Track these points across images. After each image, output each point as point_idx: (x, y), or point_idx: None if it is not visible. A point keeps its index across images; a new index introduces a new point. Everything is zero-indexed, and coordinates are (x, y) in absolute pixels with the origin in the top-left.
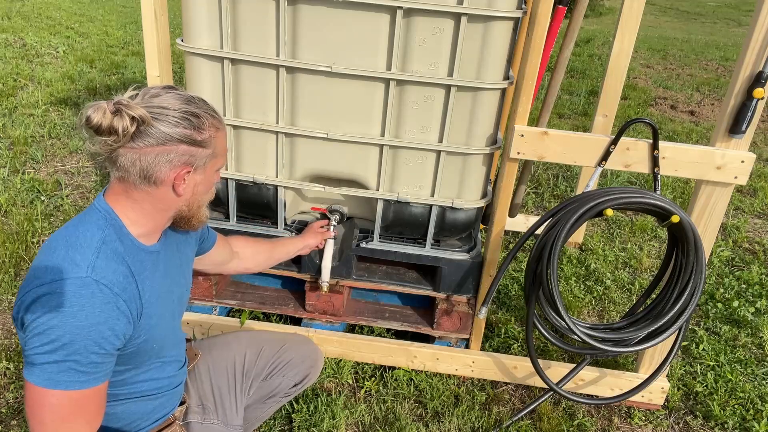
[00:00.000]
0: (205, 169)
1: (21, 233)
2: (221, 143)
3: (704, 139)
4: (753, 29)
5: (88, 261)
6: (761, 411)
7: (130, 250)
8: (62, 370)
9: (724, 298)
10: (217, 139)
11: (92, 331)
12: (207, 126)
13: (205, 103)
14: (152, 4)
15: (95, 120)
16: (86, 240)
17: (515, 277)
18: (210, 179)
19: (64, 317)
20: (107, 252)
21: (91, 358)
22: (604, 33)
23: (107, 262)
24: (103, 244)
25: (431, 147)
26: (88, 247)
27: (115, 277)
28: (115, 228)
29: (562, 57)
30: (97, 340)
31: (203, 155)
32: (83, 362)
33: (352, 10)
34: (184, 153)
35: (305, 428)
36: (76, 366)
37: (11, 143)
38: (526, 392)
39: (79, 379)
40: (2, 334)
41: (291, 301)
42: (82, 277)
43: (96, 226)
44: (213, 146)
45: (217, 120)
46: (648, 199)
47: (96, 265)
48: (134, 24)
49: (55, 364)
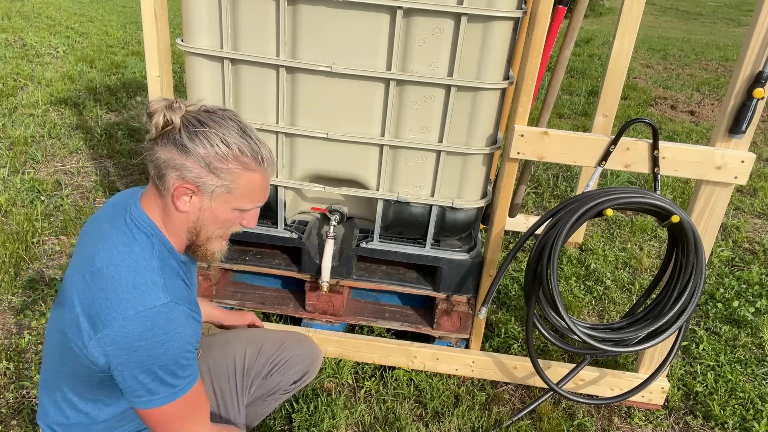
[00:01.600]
0: (214, 198)
1: (21, 233)
2: (245, 183)
3: (704, 139)
4: (753, 29)
5: (159, 285)
6: (761, 411)
7: (179, 263)
8: (168, 383)
9: (724, 298)
10: (239, 176)
11: (186, 344)
12: (231, 158)
13: (253, 140)
14: (152, 4)
15: (152, 107)
16: (144, 260)
17: (515, 277)
18: (222, 213)
19: (164, 345)
20: (167, 270)
21: (189, 362)
22: (604, 33)
23: (172, 280)
24: (162, 263)
25: (431, 147)
26: (149, 269)
27: (182, 293)
28: (161, 242)
29: (562, 57)
30: (190, 349)
31: (214, 183)
32: (186, 366)
33: (352, 10)
34: (194, 171)
35: (305, 428)
36: (180, 371)
37: (11, 143)
38: (526, 392)
39: (185, 384)
40: (2, 334)
41: (291, 301)
42: (166, 303)
43: (147, 242)
44: (230, 180)
45: (251, 160)
46: (648, 199)
47: (167, 287)
48: (134, 24)
49: (169, 385)
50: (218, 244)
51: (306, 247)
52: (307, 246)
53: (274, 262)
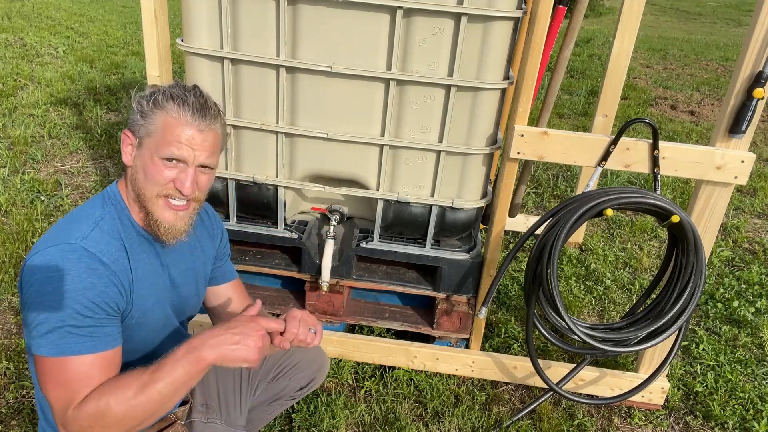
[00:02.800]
0: (141, 146)
1: (21, 233)
2: (161, 126)
3: (704, 139)
4: (753, 29)
5: (82, 232)
6: (761, 411)
7: (128, 230)
8: (63, 336)
9: (724, 298)
10: (157, 117)
11: (80, 296)
12: (157, 102)
13: (192, 96)
14: (152, 4)
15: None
16: (86, 215)
17: (515, 277)
18: (149, 162)
19: (52, 282)
20: (103, 227)
21: (88, 322)
22: (604, 33)
23: (101, 235)
24: (101, 220)
25: (431, 147)
26: (86, 221)
27: (106, 249)
28: (117, 209)
29: (562, 57)
30: (87, 304)
31: (140, 126)
32: (82, 326)
33: (352, 10)
34: (132, 119)
35: (305, 428)
36: (75, 331)
37: (11, 143)
38: (526, 392)
39: (85, 343)
40: (2, 334)
41: (291, 301)
42: (71, 243)
43: (99, 204)
44: (150, 122)
45: (172, 103)
46: (648, 199)
47: (89, 236)
48: (134, 24)
49: (54, 332)
50: (163, 212)
51: (306, 247)
52: (307, 246)
53: (274, 262)
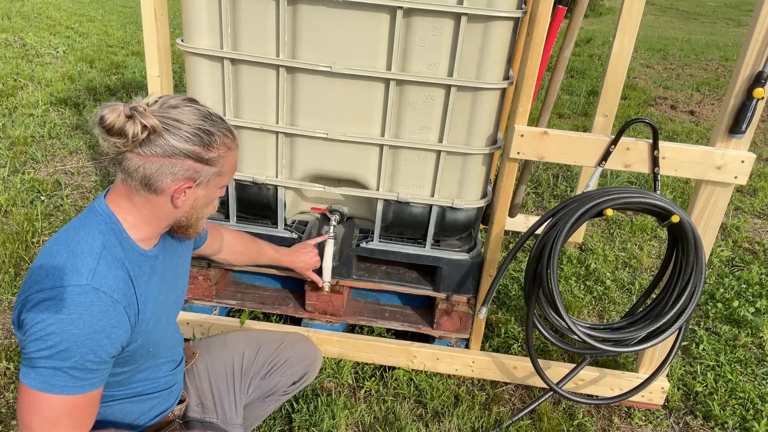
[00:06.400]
0: (207, 185)
1: (21, 233)
2: (230, 162)
3: (704, 139)
4: (753, 29)
5: (89, 267)
6: (761, 411)
7: (130, 254)
8: (57, 375)
9: (724, 298)
10: (226, 158)
11: (89, 340)
12: (218, 144)
13: (222, 120)
14: (152, 4)
15: (108, 120)
16: (87, 245)
17: (515, 277)
18: (212, 195)
19: (62, 324)
20: (108, 257)
21: (87, 366)
22: (604, 33)
23: (108, 268)
24: (104, 249)
25: (431, 147)
26: (89, 252)
27: (115, 283)
28: (116, 232)
29: (562, 57)
30: (93, 348)
31: (209, 173)
32: (79, 368)
33: (352, 10)
34: (189, 168)
35: (305, 428)
36: (72, 372)
37: (11, 143)
38: (526, 392)
39: (74, 384)
40: (2, 334)
41: (291, 301)
42: (82, 284)
43: (97, 230)
44: (221, 165)
45: (230, 139)
46: (648, 199)
47: (97, 272)
48: (134, 24)
49: (51, 369)
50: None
51: None
52: None
53: None
